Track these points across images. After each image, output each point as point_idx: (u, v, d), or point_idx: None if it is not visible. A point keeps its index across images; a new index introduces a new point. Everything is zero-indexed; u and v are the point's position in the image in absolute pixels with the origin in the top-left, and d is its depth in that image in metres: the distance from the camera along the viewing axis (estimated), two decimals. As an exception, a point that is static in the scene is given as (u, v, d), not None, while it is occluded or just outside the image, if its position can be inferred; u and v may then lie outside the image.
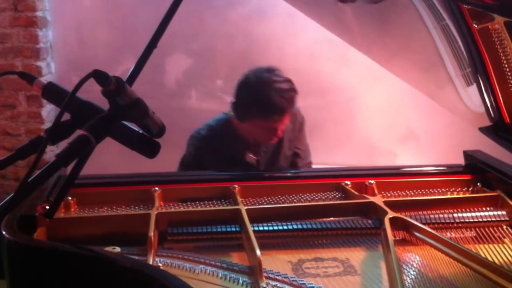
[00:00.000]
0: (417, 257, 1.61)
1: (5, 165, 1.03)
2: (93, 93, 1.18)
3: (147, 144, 1.05)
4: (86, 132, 0.97)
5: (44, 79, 3.58)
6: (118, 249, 1.47)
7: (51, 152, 3.68)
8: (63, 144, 1.04)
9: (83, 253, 1.25)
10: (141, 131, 1.06)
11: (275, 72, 2.26)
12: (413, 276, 1.51)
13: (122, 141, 1.04)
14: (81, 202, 1.87)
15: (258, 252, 1.46)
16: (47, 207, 1.53)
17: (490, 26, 1.73)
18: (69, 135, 1.04)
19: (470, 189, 2.02)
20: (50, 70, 3.73)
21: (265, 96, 2.19)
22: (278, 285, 1.42)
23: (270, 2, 3.66)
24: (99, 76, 0.98)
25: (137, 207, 1.85)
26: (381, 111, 3.77)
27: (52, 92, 1.08)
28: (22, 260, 1.31)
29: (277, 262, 1.57)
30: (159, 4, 3.59)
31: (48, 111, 3.72)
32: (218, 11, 3.57)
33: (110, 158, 2.90)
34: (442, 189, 2.02)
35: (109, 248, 1.47)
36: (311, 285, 1.42)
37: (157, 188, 1.92)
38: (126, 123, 1.06)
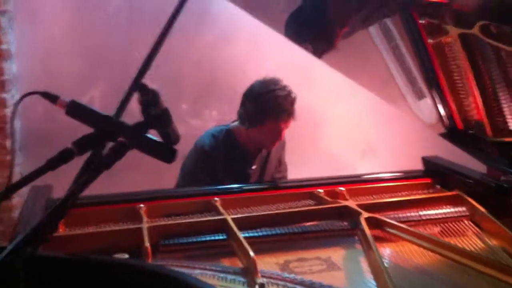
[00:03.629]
0: (393, 251, 1.76)
1: (37, 176, 1.12)
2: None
3: (167, 151, 1.17)
4: (124, 139, 1.09)
5: (9, 110, 3.62)
6: (126, 256, 1.55)
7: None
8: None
9: (103, 260, 1.33)
10: (159, 140, 1.18)
11: (278, 82, 2.55)
12: (392, 268, 1.66)
13: (145, 150, 1.15)
14: (69, 223, 1.91)
15: (251, 253, 1.58)
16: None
17: (443, 40, 1.92)
18: (94, 146, 1.14)
19: (430, 191, 2.20)
20: (14, 102, 3.75)
21: (273, 100, 2.48)
22: (272, 281, 1.54)
23: (234, 27, 3.81)
24: (142, 88, 1.11)
25: (125, 224, 1.92)
26: (342, 127, 3.98)
27: (76, 109, 1.18)
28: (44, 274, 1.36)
29: (266, 264, 1.68)
30: (126, 33, 3.72)
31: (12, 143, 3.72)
32: (184, 37, 3.69)
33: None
34: (406, 192, 2.20)
35: (118, 255, 1.55)
36: (302, 279, 1.54)
37: (142, 205, 2.01)
38: (147, 134, 1.18)
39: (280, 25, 2.30)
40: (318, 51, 2.39)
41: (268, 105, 2.49)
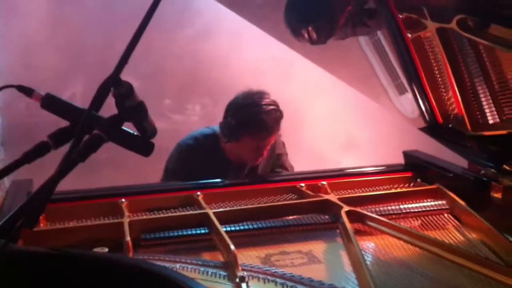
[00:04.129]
0: (373, 244, 1.78)
1: (13, 169, 1.11)
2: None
3: (143, 144, 1.17)
4: (99, 131, 1.08)
5: (-10, 105, 3.59)
6: (106, 250, 1.55)
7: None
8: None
9: (83, 255, 1.33)
10: (136, 133, 1.18)
11: (264, 96, 2.43)
12: (372, 261, 1.67)
13: (122, 144, 1.15)
14: (50, 218, 1.91)
15: (232, 246, 1.59)
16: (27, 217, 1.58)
17: (422, 35, 1.94)
18: (70, 139, 1.14)
19: (411, 185, 2.22)
20: (-4, 96, 3.72)
21: (254, 116, 2.37)
22: (253, 275, 1.54)
23: (215, 22, 3.82)
24: (114, 80, 1.10)
25: (106, 219, 1.92)
26: (323, 122, 4.01)
27: (51, 102, 1.18)
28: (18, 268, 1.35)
29: (247, 258, 1.69)
30: (108, 25, 3.70)
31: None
32: (165, 32, 3.69)
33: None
34: (387, 186, 2.22)
35: (98, 249, 1.55)
36: (283, 272, 1.55)
37: (123, 200, 2.00)
38: (124, 127, 1.17)
39: (259, 19, 2.30)
40: (321, 36, 2.29)
41: (247, 120, 2.38)
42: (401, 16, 1.94)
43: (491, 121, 1.95)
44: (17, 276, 1.35)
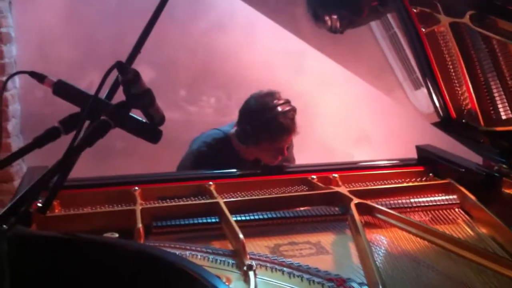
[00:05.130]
0: (382, 237, 1.79)
1: (23, 153, 1.15)
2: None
3: (152, 132, 1.20)
4: (106, 117, 1.11)
5: (10, 93, 3.66)
6: (116, 235, 1.58)
7: (18, 166, 3.73)
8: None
9: (91, 239, 1.36)
10: (144, 121, 1.20)
11: (275, 96, 2.41)
12: (380, 253, 1.69)
13: (130, 130, 1.18)
14: (65, 204, 1.95)
15: (241, 235, 1.61)
16: (40, 204, 1.62)
17: (436, 29, 1.93)
18: (79, 125, 1.16)
19: (423, 179, 2.22)
20: (14, 85, 3.78)
21: (271, 121, 2.35)
22: (261, 263, 1.57)
23: (229, 15, 3.85)
24: (121, 67, 1.13)
25: (119, 206, 1.95)
26: (336, 115, 4.02)
27: (62, 88, 1.21)
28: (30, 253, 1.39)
29: (256, 247, 1.71)
30: (121, 18, 3.74)
31: (14, 125, 3.77)
32: (180, 25, 3.72)
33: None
34: (398, 180, 2.22)
35: (108, 234, 1.58)
36: (290, 262, 1.57)
37: (137, 188, 2.03)
38: (132, 114, 1.20)
39: (273, 12, 2.30)
40: (343, 25, 2.26)
41: (265, 126, 2.36)
42: (415, 10, 1.94)
43: (504, 117, 1.94)
44: (27, 258, 1.39)
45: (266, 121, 2.36)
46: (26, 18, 3.76)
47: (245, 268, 1.49)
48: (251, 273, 1.46)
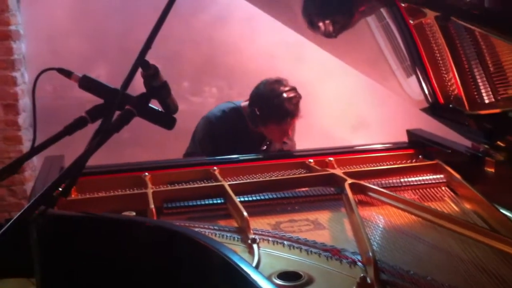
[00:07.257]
0: (374, 213, 1.94)
1: (55, 140, 1.30)
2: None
3: (167, 119, 1.37)
4: (130, 107, 1.28)
5: (19, 88, 3.80)
6: (133, 213, 1.74)
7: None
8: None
9: (115, 218, 1.52)
10: (160, 110, 1.37)
11: (283, 83, 2.67)
12: (372, 227, 1.84)
13: (149, 118, 1.35)
14: (80, 190, 2.11)
15: (245, 213, 1.77)
16: (61, 189, 1.76)
17: (423, 21, 2.07)
18: (103, 115, 1.32)
19: (413, 161, 2.38)
20: (24, 80, 3.92)
21: (278, 105, 2.61)
22: (263, 237, 1.73)
23: (230, 8, 3.99)
24: (144, 64, 1.29)
25: (131, 190, 2.10)
26: (334, 104, 4.17)
27: (87, 83, 1.37)
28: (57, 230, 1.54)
29: (259, 224, 1.87)
30: (128, 13, 3.88)
31: (24, 119, 3.91)
32: (183, 18, 3.86)
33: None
34: (390, 162, 2.38)
35: (126, 213, 1.74)
36: (290, 236, 1.73)
37: (147, 174, 2.20)
38: (150, 105, 1.36)
39: (275, 11, 2.43)
40: (336, 29, 2.41)
41: (273, 110, 2.61)
42: (403, 5, 2.07)
43: (487, 101, 2.07)
44: (55, 236, 1.55)
45: (274, 106, 2.62)
46: (35, 14, 3.89)
47: (249, 241, 1.65)
48: (255, 246, 1.62)
